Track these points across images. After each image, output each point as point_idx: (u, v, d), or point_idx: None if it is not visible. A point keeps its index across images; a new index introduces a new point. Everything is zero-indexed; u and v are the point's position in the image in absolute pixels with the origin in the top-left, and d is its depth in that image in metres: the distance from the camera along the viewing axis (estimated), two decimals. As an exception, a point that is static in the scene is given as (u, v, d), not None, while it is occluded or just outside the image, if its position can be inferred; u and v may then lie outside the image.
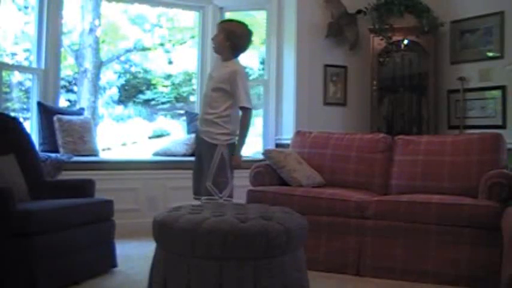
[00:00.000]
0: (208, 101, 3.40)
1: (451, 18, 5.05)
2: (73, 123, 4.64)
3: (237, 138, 3.42)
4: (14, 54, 7.18)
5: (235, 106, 3.37)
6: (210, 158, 3.32)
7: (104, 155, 5.23)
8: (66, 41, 7.43)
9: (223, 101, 3.35)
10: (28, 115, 5.19)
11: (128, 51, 8.68)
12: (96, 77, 8.00)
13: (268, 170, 4.01)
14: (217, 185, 3.29)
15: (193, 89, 6.73)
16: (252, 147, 6.34)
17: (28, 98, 5.45)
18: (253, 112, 3.50)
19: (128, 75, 9.13)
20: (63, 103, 6.97)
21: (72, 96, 8.27)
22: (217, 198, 3.28)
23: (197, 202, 3.29)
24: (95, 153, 4.77)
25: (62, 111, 4.78)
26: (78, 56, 7.99)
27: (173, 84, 9.15)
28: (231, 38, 3.38)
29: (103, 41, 8.47)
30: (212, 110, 3.36)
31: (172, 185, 4.68)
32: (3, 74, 4.81)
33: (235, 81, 3.31)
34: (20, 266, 2.62)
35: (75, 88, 8.20)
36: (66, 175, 4.11)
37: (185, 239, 2.21)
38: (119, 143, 8.63)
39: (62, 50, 5.28)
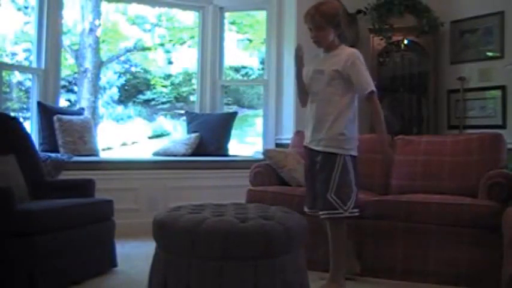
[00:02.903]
0: (324, 99, 2.96)
1: (451, 18, 5.05)
2: (73, 123, 4.64)
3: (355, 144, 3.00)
4: (14, 54, 7.19)
5: (355, 99, 2.97)
6: (330, 168, 2.93)
7: (104, 155, 5.23)
8: (66, 41, 7.43)
9: (343, 94, 2.94)
10: (28, 115, 5.19)
11: (128, 51, 8.68)
12: (96, 77, 8.00)
13: (268, 170, 4.01)
14: (342, 196, 2.92)
15: (194, 89, 6.73)
16: (252, 147, 6.36)
17: (28, 98, 5.46)
18: (253, 112, 3.40)
19: (128, 75, 9.13)
20: (63, 103, 6.97)
21: (72, 96, 8.27)
22: (342, 211, 2.92)
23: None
24: (95, 153, 4.77)
25: (62, 111, 4.78)
26: (78, 56, 7.99)
27: (173, 84, 9.15)
28: (336, 31, 2.99)
29: (103, 41, 8.47)
30: (331, 108, 2.94)
31: (172, 185, 4.67)
32: (3, 74, 4.81)
33: (354, 65, 2.90)
34: (20, 266, 2.62)
35: (75, 88, 8.20)
36: (66, 175, 4.11)
37: (185, 239, 2.21)
38: (119, 143, 8.63)
39: (62, 50, 5.27)
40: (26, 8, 7.00)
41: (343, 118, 2.93)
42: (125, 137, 8.83)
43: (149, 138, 9.01)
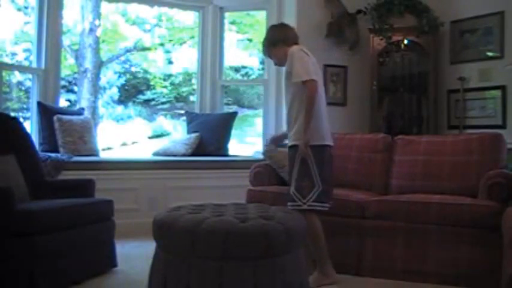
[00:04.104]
0: (288, 101, 3.23)
1: (451, 18, 5.05)
2: (73, 123, 4.64)
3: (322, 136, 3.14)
4: (14, 54, 7.20)
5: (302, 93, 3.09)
6: (293, 160, 3.11)
7: (104, 155, 5.23)
8: (66, 41, 7.43)
9: (297, 90, 3.11)
10: (28, 115, 5.20)
11: (128, 51, 8.69)
12: (96, 77, 8.01)
13: (268, 170, 4.01)
14: (300, 189, 3.07)
15: (193, 89, 6.73)
16: (252, 147, 6.36)
17: (28, 98, 5.46)
18: (253, 112, 3.42)
19: (127, 75, 9.14)
20: (63, 103, 6.98)
21: (72, 96, 8.28)
22: (301, 204, 3.05)
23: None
24: (95, 153, 4.77)
25: (62, 111, 4.78)
26: (78, 56, 8.00)
27: (173, 84, 9.16)
28: (279, 43, 3.26)
29: (103, 41, 8.47)
30: (292, 106, 3.17)
31: (172, 185, 4.67)
32: (3, 74, 4.81)
33: (290, 60, 3.12)
34: (20, 265, 2.62)
35: (75, 88, 8.20)
36: (66, 175, 4.11)
37: (185, 239, 2.21)
38: (119, 143, 8.64)
39: (62, 50, 5.28)
40: (26, 8, 7.00)
41: (302, 113, 3.09)
42: (125, 137, 8.84)
43: (149, 138, 9.02)
